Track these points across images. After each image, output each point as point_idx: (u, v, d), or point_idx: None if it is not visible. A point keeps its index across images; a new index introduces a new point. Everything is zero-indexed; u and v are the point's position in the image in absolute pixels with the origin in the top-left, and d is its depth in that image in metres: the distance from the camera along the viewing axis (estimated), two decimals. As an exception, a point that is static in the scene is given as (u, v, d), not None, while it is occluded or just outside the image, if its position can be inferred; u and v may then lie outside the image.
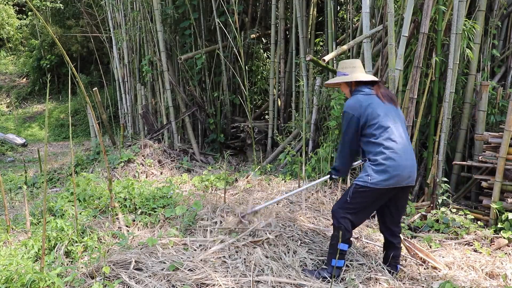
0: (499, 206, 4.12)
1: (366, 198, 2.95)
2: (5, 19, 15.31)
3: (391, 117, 2.96)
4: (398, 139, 2.92)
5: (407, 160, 2.92)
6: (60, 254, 3.33)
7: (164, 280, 2.82)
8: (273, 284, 2.85)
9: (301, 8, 6.52)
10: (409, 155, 2.95)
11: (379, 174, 2.88)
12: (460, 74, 4.94)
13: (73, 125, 12.75)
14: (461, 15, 4.53)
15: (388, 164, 2.87)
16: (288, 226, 3.82)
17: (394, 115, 2.98)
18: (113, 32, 8.81)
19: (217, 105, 7.71)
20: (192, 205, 4.22)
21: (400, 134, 2.95)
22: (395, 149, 2.89)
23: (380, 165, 2.88)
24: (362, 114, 2.94)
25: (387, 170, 2.87)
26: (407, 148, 2.95)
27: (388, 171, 2.87)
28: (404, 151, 2.92)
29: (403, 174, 2.89)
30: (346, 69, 3.14)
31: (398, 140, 2.91)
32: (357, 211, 2.99)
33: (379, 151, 2.91)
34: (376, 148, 2.93)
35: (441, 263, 3.36)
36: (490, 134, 4.51)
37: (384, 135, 2.91)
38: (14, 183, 6.42)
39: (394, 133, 2.92)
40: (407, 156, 2.92)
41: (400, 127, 2.98)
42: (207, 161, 7.29)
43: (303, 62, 6.55)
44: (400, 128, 2.98)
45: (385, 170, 2.87)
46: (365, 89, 3.04)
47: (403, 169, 2.89)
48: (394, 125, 2.94)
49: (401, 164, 2.88)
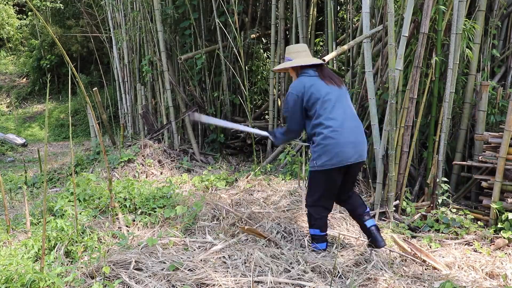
0: (499, 206, 4.12)
1: (320, 180, 3.09)
2: (5, 19, 15.31)
3: (333, 97, 3.05)
4: (338, 117, 3.00)
5: (349, 137, 2.99)
6: (60, 254, 3.33)
7: (164, 280, 2.82)
8: (273, 284, 2.85)
9: (301, 8, 6.52)
10: (352, 132, 3.03)
11: (322, 156, 2.99)
12: (460, 74, 4.94)
13: (73, 125, 12.75)
14: (461, 15, 4.53)
15: (327, 143, 2.96)
16: (289, 226, 3.82)
17: (336, 95, 3.08)
18: (113, 32, 8.81)
19: (217, 105, 7.71)
20: (192, 205, 4.23)
21: (342, 112, 3.04)
22: (334, 127, 2.97)
23: (320, 146, 2.99)
24: (305, 94, 3.05)
25: (327, 150, 2.96)
26: (350, 125, 3.03)
27: (329, 150, 2.96)
28: (346, 128, 2.99)
29: (345, 151, 2.95)
30: (291, 54, 3.27)
31: (338, 118, 3.00)
32: (320, 194, 3.14)
33: (319, 132, 3.01)
34: (317, 129, 3.03)
35: (441, 263, 3.36)
36: (490, 134, 4.51)
37: (323, 114, 3.00)
38: (14, 183, 6.42)
39: (335, 111, 3.01)
40: (349, 133, 3.00)
41: (343, 106, 3.07)
42: (207, 161, 7.29)
43: (303, 62, 6.55)
44: (343, 107, 3.07)
45: (325, 150, 2.96)
46: (309, 71, 3.16)
47: (344, 146, 2.95)
48: (336, 104, 3.03)
49: (341, 142, 2.96)
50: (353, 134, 3.03)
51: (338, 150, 2.95)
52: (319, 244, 3.28)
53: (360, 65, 5.42)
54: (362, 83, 5.26)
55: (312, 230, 3.25)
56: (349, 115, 3.08)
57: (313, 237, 3.29)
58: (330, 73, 3.20)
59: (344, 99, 3.13)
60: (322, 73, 3.15)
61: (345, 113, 3.06)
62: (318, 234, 3.23)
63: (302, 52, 3.28)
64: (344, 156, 2.97)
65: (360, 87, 5.32)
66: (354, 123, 3.08)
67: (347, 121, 3.04)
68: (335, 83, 3.14)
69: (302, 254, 3.27)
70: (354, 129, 3.07)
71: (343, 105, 3.08)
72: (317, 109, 3.03)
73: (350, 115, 3.09)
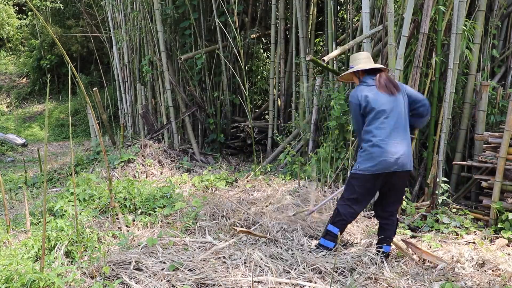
0: (499, 206, 4.12)
1: (359, 184, 3.20)
2: (5, 19, 15.29)
3: (386, 106, 3.14)
4: (388, 126, 3.12)
5: (395, 146, 3.11)
6: (60, 254, 3.33)
7: (164, 280, 2.82)
8: (273, 284, 2.85)
9: (301, 8, 6.52)
10: (399, 141, 3.13)
11: (366, 161, 3.13)
12: (460, 74, 4.94)
13: (73, 125, 12.75)
14: (462, 15, 4.53)
15: (374, 150, 3.11)
16: (288, 226, 3.82)
17: (389, 104, 3.16)
18: (113, 32, 8.81)
19: (217, 105, 7.71)
20: (192, 204, 4.23)
21: (393, 121, 3.14)
22: (383, 137, 3.11)
23: (367, 152, 3.14)
24: (361, 102, 3.20)
25: (372, 157, 3.11)
26: (398, 134, 3.14)
27: (374, 158, 3.10)
28: (393, 137, 3.12)
29: (389, 160, 3.08)
30: (353, 62, 3.40)
31: (387, 127, 3.12)
32: (355, 197, 3.24)
33: (368, 139, 3.16)
34: (366, 136, 3.18)
35: (441, 263, 3.36)
36: (490, 134, 4.51)
37: (374, 123, 3.15)
38: (14, 183, 6.42)
39: (385, 121, 3.13)
40: (395, 142, 3.12)
41: (395, 115, 3.15)
42: (207, 161, 7.30)
43: (303, 62, 6.55)
44: (395, 115, 3.15)
45: (371, 157, 3.12)
46: (368, 80, 3.27)
47: (389, 155, 3.09)
48: (388, 113, 3.14)
49: (387, 150, 3.09)
50: (400, 144, 3.14)
51: (382, 159, 3.10)
52: (329, 242, 3.32)
53: (360, 65, 5.41)
54: (362, 83, 5.25)
55: (331, 226, 3.29)
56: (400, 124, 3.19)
57: (328, 233, 3.32)
58: (386, 80, 3.26)
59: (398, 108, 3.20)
60: (379, 80, 3.24)
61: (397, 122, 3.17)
62: (334, 233, 3.28)
63: (362, 59, 3.37)
64: (386, 164, 3.11)
65: (360, 87, 5.31)
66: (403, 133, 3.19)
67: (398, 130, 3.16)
68: (390, 91, 3.21)
69: (302, 254, 3.27)
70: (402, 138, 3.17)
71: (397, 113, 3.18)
72: (370, 117, 3.18)
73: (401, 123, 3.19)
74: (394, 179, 3.21)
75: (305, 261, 3.14)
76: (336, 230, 3.25)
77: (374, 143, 3.13)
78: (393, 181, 3.23)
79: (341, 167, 5.10)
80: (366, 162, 3.15)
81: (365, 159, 3.16)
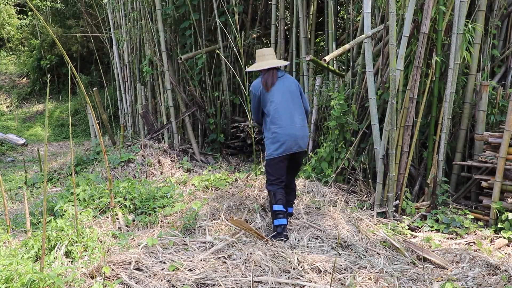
0: (499, 206, 4.12)
1: (273, 165, 3.74)
2: (5, 19, 15.30)
3: (278, 95, 3.71)
4: (282, 114, 3.67)
5: (291, 130, 3.65)
6: (60, 254, 3.33)
7: (164, 280, 2.82)
8: (273, 284, 2.85)
9: (301, 8, 6.52)
10: (293, 126, 3.67)
11: (272, 147, 3.70)
12: (460, 74, 4.94)
13: (73, 125, 12.74)
14: (462, 15, 4.53)
15: (274, 136, 3.68)
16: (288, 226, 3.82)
17: (281, 92, 3.72)
18: (113, 32, 8.81)
19: (217, 105, 7.71)
20: (192, 205, 4.22)
21: (285, 108, 3.68)
22: (279, 124, 3.66)
23: (270, 139, 3.72)
24: (259, 92, 3.77)
25: (275, 142, 3.67)
26: (292, 120, 3.68)
27: (277, 142, 3.66)
28: (289, 124, 3.67)
29: (289, 143, 3.65)
30: (257, 57, 3.92)
31: (282, 115, 3.67)
32: (273, 175, 3.75)
33: (268, 128, 3.75)
34: (267, 125, 3.76)
35: (441, 263, 3.36)
36: (490, 134, 4.51)
37: (271, 112, 3.69)
38: (14, 183, 6.42)
39: (280, 109, 3.68)
40: (291, 127, 3.66)
41: (287, 102, 3.71)
42: (207, 161, 7.29)
43: (303, 62, 6.55)
44: (286, 103, 3.70)
45: (274, 142, 3.68)
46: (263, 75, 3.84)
47: (288, 138, 3.64)
48: (281, 102, 3.69)
49: (285, 134, 3.64)
50: (295, 128, 3.69)
51: (282, 142, 3.66)
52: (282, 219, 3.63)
53: (361, 64, 5.42)
54: (363, 83, 5.26)
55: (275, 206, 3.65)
56: (293, 110, 3.73)
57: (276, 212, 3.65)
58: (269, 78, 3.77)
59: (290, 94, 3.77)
60: (264, 77, 3.78)
61: (290, 109, 3.72)
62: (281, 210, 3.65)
63: (265, 56, 3.88)
64: (287, 146, 3.66)
65: (360, 87, 5.31)
66: (296, 118, 3.72)
67: (291, 117, 3.70)
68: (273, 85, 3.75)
69: (302, 254, 3.27)
70: (296, 123, 3.70)
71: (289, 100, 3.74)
72: (266, 107, 3.77)
73: (294, 110, 3.73)
74: (296, 155, 3.83)
75: (305, 261, 3.14)
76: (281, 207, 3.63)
77: (274, 130, 3.75)
78: (295, 157, 3.84)
79: (341, 167, 5.10)
80: (272, 148, 3.73)
81: (271, 145, 3.75)
